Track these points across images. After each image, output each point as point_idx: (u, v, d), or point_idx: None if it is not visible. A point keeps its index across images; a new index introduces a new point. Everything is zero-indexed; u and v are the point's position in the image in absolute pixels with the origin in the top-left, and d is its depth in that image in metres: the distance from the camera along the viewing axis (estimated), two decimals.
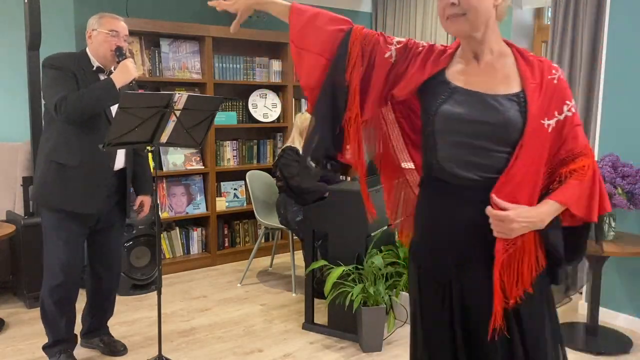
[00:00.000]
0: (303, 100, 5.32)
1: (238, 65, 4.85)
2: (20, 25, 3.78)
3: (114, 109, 2.67)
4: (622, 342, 3.29)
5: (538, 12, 4.82)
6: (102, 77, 2.74)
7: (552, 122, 1.47)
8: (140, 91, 2.85)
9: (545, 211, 1.48)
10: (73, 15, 4.20)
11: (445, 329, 1.58)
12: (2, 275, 3.84)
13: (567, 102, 1.50)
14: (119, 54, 2.70)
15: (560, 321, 3.60)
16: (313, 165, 1.64)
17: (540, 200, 1.50)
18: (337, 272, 3.11)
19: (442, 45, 1.62)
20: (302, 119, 4.13)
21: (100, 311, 3.07)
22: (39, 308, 2.85)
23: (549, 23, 4.49)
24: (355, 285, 3.09)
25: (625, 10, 3.45)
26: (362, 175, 1.69)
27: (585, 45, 3.95)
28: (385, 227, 3.44)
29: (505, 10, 1.53)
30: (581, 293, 3.89)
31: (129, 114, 2.41)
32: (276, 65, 5.07)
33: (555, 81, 1.49)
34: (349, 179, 5.64)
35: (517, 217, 1.43)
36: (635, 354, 3.18)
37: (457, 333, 1.56)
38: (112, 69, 2.75)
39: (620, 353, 3.18)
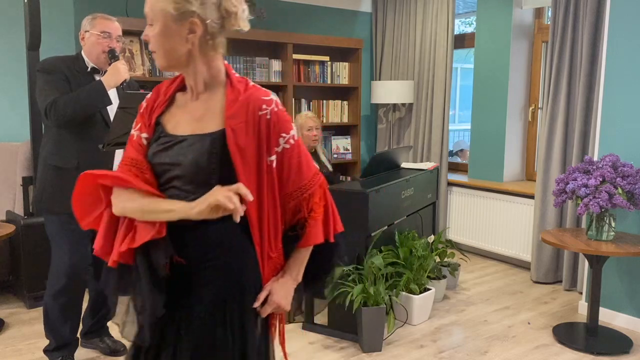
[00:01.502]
0: (303, 100, 5.32)
1: (238, 65, 4.84)
2: (20, 25, 3.78)
3: (111, 110, 2.66)
4: (622, 342, 3.29)
5: (538, 12, 4.82)
6: (97, 77, 2.71)
7: (274, 157, 1.45)
8: (140, 91, 2.85)
9: (294, 267, 1.58)
10: (73, 15, 4.20)
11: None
12: (2, 275, 3.84)
13: (283, 134, 1.45)
14: (112, 56, 2.67)
15: (561, 321, 3.60)
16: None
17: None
18: (337, 272, 3.10)
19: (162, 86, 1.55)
20: (303, 119, 4.13)
21: (102, 313, 3.06)
22: (38, 308, 2.84)
23: (549, 23, 4.49)
24: (355, 285, 3.09)
25: (625, 10, 3.44)
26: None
27: (585, 45, 3.95)
28: (385, 227, 3.44)
29: (214, 42, 1.42)
30: (581, 293, 3.90)
31: (129, 114, 2.40)
32: (276, 65, 5.07)
33: (268, 116, 1.43)
34: (349, 178, 5.66)
35: (278, 295, 1.52)
36: (635, 354, 3.18)
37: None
38: (108, 69, 2.74)
39: (620, 353, 3.18)
